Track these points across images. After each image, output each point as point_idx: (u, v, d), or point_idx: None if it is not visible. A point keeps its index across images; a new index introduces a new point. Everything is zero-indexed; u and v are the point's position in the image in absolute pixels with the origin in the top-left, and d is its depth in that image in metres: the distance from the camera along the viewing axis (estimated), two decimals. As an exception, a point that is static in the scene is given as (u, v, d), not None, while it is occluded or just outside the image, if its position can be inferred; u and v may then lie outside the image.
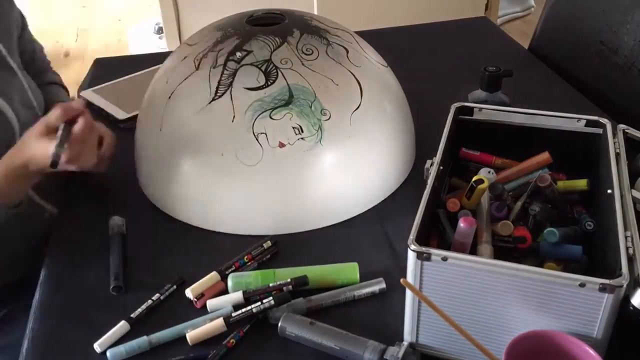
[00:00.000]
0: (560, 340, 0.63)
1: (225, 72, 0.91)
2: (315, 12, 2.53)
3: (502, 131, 0.87)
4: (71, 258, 0.90)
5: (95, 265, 0.87)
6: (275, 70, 0.90)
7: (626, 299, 0.61)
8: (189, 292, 0.81)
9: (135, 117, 1.13)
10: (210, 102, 0.90)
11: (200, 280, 0.82)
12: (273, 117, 0.88)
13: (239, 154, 0.88)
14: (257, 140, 0.88)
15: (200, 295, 0.80)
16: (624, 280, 0.60)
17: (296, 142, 0.88)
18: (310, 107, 0.89)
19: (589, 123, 0.84)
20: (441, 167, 0.78)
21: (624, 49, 1.22)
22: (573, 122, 0.85)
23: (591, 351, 0.61)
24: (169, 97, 0.94)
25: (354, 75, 0.95)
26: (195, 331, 0.75)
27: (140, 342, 0.74)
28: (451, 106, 0.88)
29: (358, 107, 0.93)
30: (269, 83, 0.89)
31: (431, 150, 0.80)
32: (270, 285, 0.80)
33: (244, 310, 0.76)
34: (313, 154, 0.89)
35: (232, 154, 0.88)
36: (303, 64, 0.92)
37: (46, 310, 0.82)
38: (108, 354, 0.73)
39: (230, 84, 0.90)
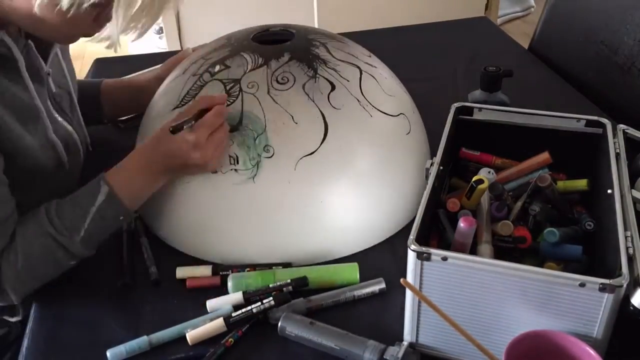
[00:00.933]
0: (560, 340, 0.63)
1: (198, 83, 0.89)
2: (315, 13, 2.53)
3: (502, 131, 0.87)
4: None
5: (97, 263, 0.86)
6: (238, 92, 0.86)
7: (626, 299, 0.61)
8: (179, 272, 0.84)
9: (135, 117, 1.13)
10: (173, 109, 0.89)
11: (193, 267, 0.85)
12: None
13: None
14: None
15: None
16: (624, 280, 0.60)
17: (228, 172, 0.83)
18: (255, 139, 0.83)
19: (589, 123, 0.84)
20: (441, 167, 0.78)
21: (624, 49, 1.22)
22: (573, 122, 0.85)
23: (591, 351, 0.61)
24: (159, 93, 0.96)
25: (323, 117, 0.85)
26: (195, 331, 0.75)
27: (140, 342, 0.74)
28: (451, 106, 0.88)
29: (313, 152, 0.83)
30: (227, 104, 0.85)
31: (431, 151, 0.80)
32: (270, 286, 0.80)
33: (244, 310, 0.76)
34: (243, 189, 0.83)
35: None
36: (269, 92, 0.85)
37: (45, 313, 0.82)
38: (108, 353, 0.73)
39: (194, 97, 0.88)
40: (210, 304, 0.79)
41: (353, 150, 0.86)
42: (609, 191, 0.72)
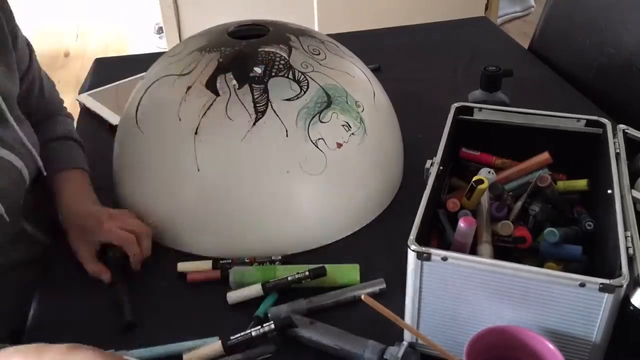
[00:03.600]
0: (522, 335, 0.63)
1: (256, 90, 0.86)
2: (315, 13, 2.53)
3: (502, 131, 0.87)
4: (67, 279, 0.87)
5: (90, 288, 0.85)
6: (302, 77, 0.88)
7: (626, 299, 0.61)
8: (180, 266, 0.84)
9: None
10: (255, 123, 0.84)
11: (194, 262, 0.86)
12: (322, 120, 0.87)
13: (303, 166, 0.85)
14: (317, 146, 0.86)
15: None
16: (624, 280, 0.60)
17: (352, 139, 0.89)
18: (347, 102, 0.90)
19: (589, 123, 0.84)
20: (441, 167, 0.78)
21: (624, 49, 1.22)
22: (573, 122, 0.85)
23: (550, 345, 0.61)
24: (196, 133, 0.85)
25: (356, 66, 0.98)
26: (192, 353, 0.73)
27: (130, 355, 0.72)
28: (451, 106, 0.88)
29: (374, 94, 0.96)
30: (304, 89, 0.87)
31: (431, 151, 0.80)
32: (289, 278, 0.80)
33: (242, 333, 0.73)
34: (364, 146, 0.90)
35: (297, 167, 0.85)
36: (320, 64, 0.92)
37: (45, 313, 0.82)
38: None
39: (268, 100, 0.85)
40: (231, 297, 0.80)
41: (381, 92, 1.01)
42: (609, 191, 0.72)
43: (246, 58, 0.89)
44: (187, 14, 2.56)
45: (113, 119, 1.19)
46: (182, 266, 0.85)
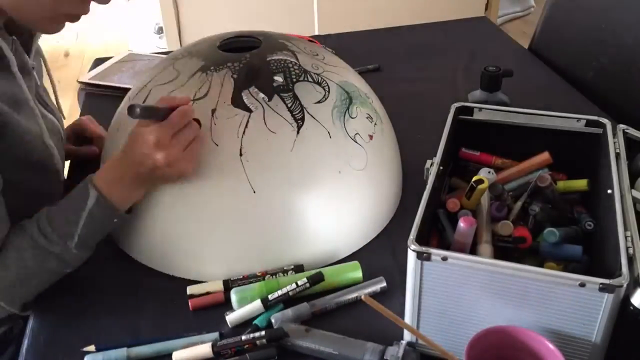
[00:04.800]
0: (521, 336, 0.63)
1: (287, 100, 0.84)
2: (316, 12, 2.54)
3: (502, 131, 0.87)
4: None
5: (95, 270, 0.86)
6: (320, 78, 0.89)
7: (626, 299, 0.61)
8: (189, 290, 0.81)
9: None
10: (298, 132, 0.83)
11: (204, 284, 0.82)
12: (352, 116, 0.88)
13: (352, 163, 0.85)
14: (356, 142, 0.87)
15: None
16: (624, 280, 0.60)
17: (376, 129, 0.91)
18: (361, 95, 0.92)
19: (589, 123, 0.84)
20: (441, 167, 0.78)
21: (624, 49, 1.22)
22: (573, 122, 0.85)
23: (550, 345, 0.61)
24: (241, 155, 0.81)
25: (352, 69, 0.99)
26: (180, 352, 0.73)
27: (118, 353, 0.73)
28: (451, 106, 0.88)
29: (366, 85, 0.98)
30: (326, 90, 0.88)
31: (431, 151, 0.80)
32: (290, 293, 0.78)
33: (232, 340, 0.73)
34: (385, 135, 0.93)
35: (347, 166, 0.85)
36: (325, 64, 0.92)
37: (45, 313, 0.82)
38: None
39: (302, 108, 0.84)
40: (231, 319, 0.77)
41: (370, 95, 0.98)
42: (609, 191, 0.72)
43: (260, 69, 0.86)
44: (187, 14, 2.56)
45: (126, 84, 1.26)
46: (191, 289, 0.81)
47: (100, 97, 1.29)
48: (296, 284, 0.78)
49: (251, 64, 0.87)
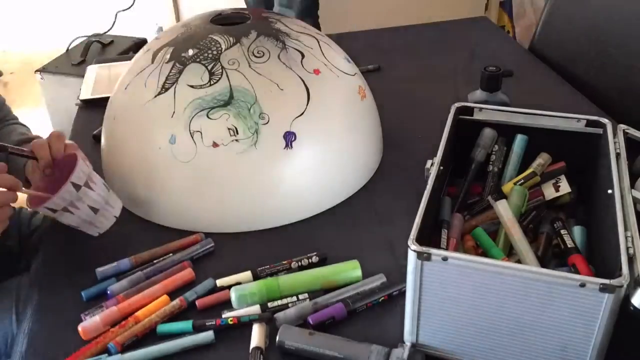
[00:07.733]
0: None
1: (175, 68, 0.93)
2: (316, 12, 2.53)
3: (502, 131, 0.87)
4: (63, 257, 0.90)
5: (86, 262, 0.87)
6: (220, 70, 0.91)
7: (626, 299, 0.61)
8: (219, 282, 0.83)
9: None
10: (155, 96, 0.92)
11: (233, 276, 0.84)
12: (210, 116, 0.89)
13: (174, 150, 0.90)
14: (192, 137, 0.89)
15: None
16: (624, 280, 0.60)
17: (230, 144, 0.89)
18: (249, 109, 0.89)
19: (589, 123, 0.84)
20: (441, 168, 0.78)
21: (624, 48, 1.22)
22: (573, 122, 0.85)
23: None
24: (125, 88, 0.97)
25: (303, 82, 0.93)
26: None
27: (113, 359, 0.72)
28: (451, 106, 0.88)
29: (302, 113, 0.91)
30: (212, 82, 0.90)
31: (431, 151, 0.80)
32: (290, 305, 0.78)
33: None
34: (246, 156, 0.89)
35: (168, 149, 0.90)
36: (250, 66, 0.92)
37: (45, 313, 0.82)
38: None
39: (177, 80, 0.92)
40: (221, 281, 0.82)
41: (330, 108, 0.95)
42: (609, 191, 0.72)
43: (193, 40, 0.96)
44: (187, 14, 2.56)
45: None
46: (221, 281, 0.83)
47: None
48: (297, 297, 0.79)
49: (195, 34, 0.98)
